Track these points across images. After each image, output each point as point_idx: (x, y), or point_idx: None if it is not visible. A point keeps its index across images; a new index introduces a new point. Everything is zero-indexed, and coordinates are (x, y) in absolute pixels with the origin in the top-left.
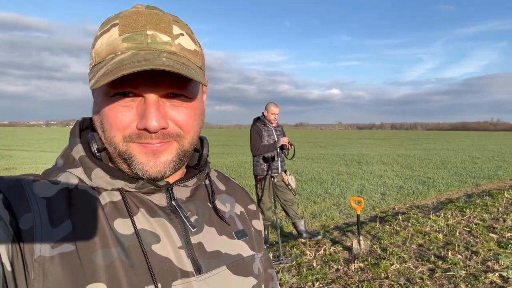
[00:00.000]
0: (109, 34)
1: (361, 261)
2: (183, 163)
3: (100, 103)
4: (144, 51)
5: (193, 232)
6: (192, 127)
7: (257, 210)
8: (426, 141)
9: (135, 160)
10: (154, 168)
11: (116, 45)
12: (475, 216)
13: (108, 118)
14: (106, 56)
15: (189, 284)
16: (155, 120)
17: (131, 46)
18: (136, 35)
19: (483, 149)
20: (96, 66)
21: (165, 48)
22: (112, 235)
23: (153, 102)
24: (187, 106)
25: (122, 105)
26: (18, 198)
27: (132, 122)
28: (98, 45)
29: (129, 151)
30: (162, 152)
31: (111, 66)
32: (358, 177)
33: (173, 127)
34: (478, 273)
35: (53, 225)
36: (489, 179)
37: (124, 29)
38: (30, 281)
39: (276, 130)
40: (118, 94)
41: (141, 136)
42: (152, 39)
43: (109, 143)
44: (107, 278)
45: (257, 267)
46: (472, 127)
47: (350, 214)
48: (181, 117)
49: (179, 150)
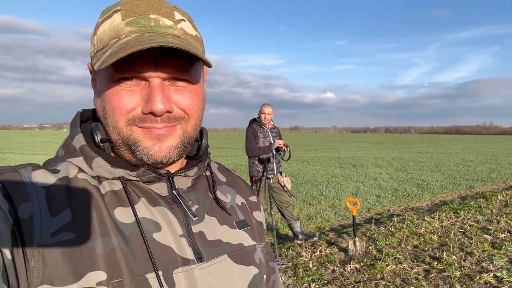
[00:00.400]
0: (111, 20)
1: (357, 262)
2: (187, 150)
3: (103, 88)
4: (148, 33)
5: (194, 221)
6: (195, 112)
7: (258, 202)
8: (420, 145)
9: (140, 145)
10: (160, 153)
11: (119, 29)
12: (469, 218)
13: (112, 102)
14: (109, 40)
15: (190, 272)
16: (161, 102)
17: (135, 29)
18: (139, 19)
19: (476, 152)
20: (99, 52)
21: (168, 31)
22: (112, 224)
23: (157, 85)
24: (190, 90)
25: (126, 89)
26: (16, 187)
27: (137, 107)
28: (100, 31)
29: (133, 136)
30: (167, 137)
31: (117, 47)
32: (353, 179)
33: (178, 110)
34: (472, 274)
35: (52, 214)
36: (483, 181)
37: (126, 13)
38: (30, 270)
39: (272, 131)
40: (122, 79)
41: (145, 120)
42: (155, 22)
43: (113, 128)
44: (107, 266)
45: (259, 257)
46: (465, 130)
47: (346, 216)
48: (185, 101)
49: (183, 136)
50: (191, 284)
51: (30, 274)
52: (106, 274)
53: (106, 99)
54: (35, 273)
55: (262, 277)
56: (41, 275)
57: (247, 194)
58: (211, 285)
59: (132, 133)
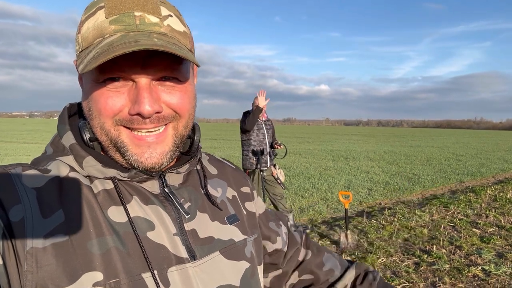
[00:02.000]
0: (95, 18)
1: (348, 255)
2: (179, 150)
3: (89, 89)
4: (133, 32)
5: (187, 218)
6: (187, 110)
7: (251, 192)
8: (411, 138)
9: (128, 150)
10: (150, 160)
11: (103, 28)
12: (459, 212)
13: (98, 104)
14: (94, 40)
15: (184, 270)
16: (149, 104)
17: (119, 28)
18: (123, 17)
19: (467, 146)
20: (83, 51)
21: (154, 29)
22: (106, 223)
23: (145, 86)
24: (180, 89)
25: (112, 90)
26: (6, 190)
27: (124, 108)
28: (84, 29)
29: (121, 138)
30: (158, 144)
31: (100, 49)
32: (345, 172)
33: (168, 110)
34: (461, 267)
35: (44, 216)
36: (473, 176)
37: (110, 11)
38: (23, 273)
39: (265, 124)
40: (108, 80)
41: (133, 121)
42: (140, 20)
43: (100, 129)
44: (103, 266)
45: (250, 251)
46: (456, 125)
47: (338, 209)
48: (175, 100)
49: (175, 136)
50: (186, 283)
51: (24, 278)
52: (103, 274)
53: (92, 100)
54: (28, 276)
55: (254, 270)
56: (35, 278)
57: (239, 184)
58: (205, 282)
59: (120, 134)
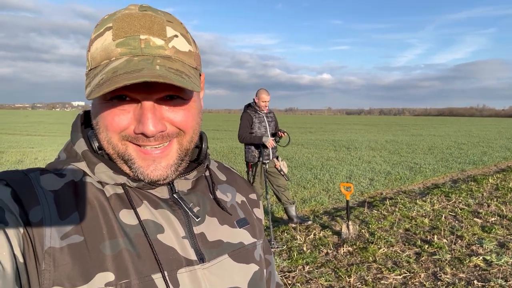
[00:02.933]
0: (103, 38)
1: (350, 245)
2: (186, 162)
3: (98, 106)
4: (137, 57)
5: (196, 222)
6: (191, 127)
7: (257, 199)
8: (413, 127)
9: (135, 163)
10: (155, 172)
11: (110, 50)
12: (460, 201)
13: (105, 120)
14: (101, 61)
15: (193, 272)
16: (152, 125)
17: (125, 51)
18: (129, 40)
19: (469, 135)
20: (92, 71)
21: (158, 52)
22: (118, 226)
23: (149, 107)
24: (184, 107)
25: (119, 108)
26: (26, 192)
27: (130, 125)
28: (93, 49)
29: (128, 152)
30: (163, 158)
31: (105, 75)
32: (347, 162)
33: (172, 128)
34: (462, 257)
35: (61, 217)
36: (474, 164)
37: (117, 33)
38: (41, 272)
39: (267, 116)
40: (115, 98)
41: (138, 139)
42: (145, 43)
43: (107, 143)
44: (115, 267)
45: (259, 254)
46: (458, 112)
47: (339, 199)
48: (179, 118)
49: (179, 151)
50: (195, 284)
51: (42, 277)
52: (114, 275)
53: (100, 117)
54: (46, 275)
55: (263, 273)
56: (52, 277)
57: (247, 192)
58: (214, 284)
59: (127, 148)
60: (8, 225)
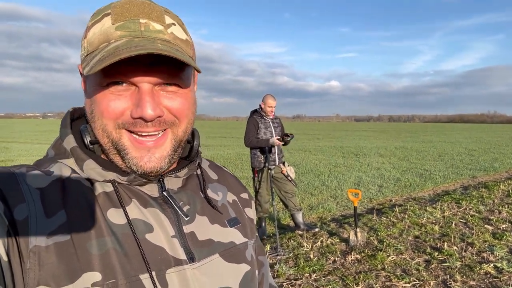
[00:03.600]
0: (101, 24)
1: (358, 252)
2: (178, 155)
3: (93, 92)
4: (138, 38)
5: (186, 221)
6: (186, 115)
7: (249, 199)
8: (423, 133)
9: (128, 153)
10: (149, 164)
11: (109, 33)
12: (471, 208)
13: (100, 106)
14: (99, 44)
15: (183, 272)
16: (151, 108)
17: (125, 34)
18: (129, 23)
19: (480, 141)
20: (89, 55)
21: (158, 36)
22: (105, 225)
23: (147, 90)
24: (181, 95)
25: (115, 93)
26: (11, 189)
27: (126, 110)
28: (90, 34)
29: (122, 142)
30: (157, 148)
31: (106, 52)
32: (356, 169)
33: (168, 115)
34: (473, 264)
35: (47, 215)
36: (485, 171)
37: (117, 18)
38: (26, 271)
39: (273, 122)
40: (111, 84)
41: (135, 124)
42: (145, 27)
43: (102, 132)
44: (102, 267)
45: (250, 254)
46: (469, 119)
47: (347, 206)
48: (176, 105)
49: (174, 141)
50: (184, 284)
51: (26, 275)
52: (101, 275)
53: (95, 103)
54: (31, 274)
55: (254, 274)
56: (37, 276)
57: (238, 191)
58: (203, 285)
59: (121, 137)
60: None
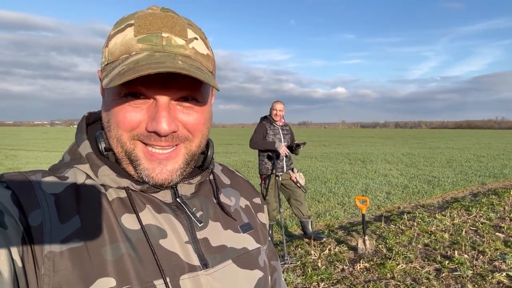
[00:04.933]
0: (123, 34)
1: (367, 261)
2: (191, 167)
3: (111, 102)
4: (159, 53)
5: (199, 227)
6: (200, 131)
7: (262, 204)
8: (430, 140)
9: (140, 164)
10: (160, 176)
11: (130, 45)
12: (481, 215)
13: (117, 117)
14: (120, 55)
15: (196, 278)
16: (166, 124)
17: (146, 47)
18: (151, 37)
19: (488, 147)
20: (109, 65)
21: (179, 51)
22: (120, 230)
23: (164, 105)
24: (198, 110)
25: (132, 105)
26: (27, 195)
27: (142, 123)
28: (112, 44)
29: (135, 153)
30: (169, 160)
31: (126, 66)
32: (363, 176)
33: (183, 130)
34: (485, 273)
35: (62, 221)
36: (495, 177)
37: (139, 30)
38: (40, 276)
39: (283, 129)
40: (129, 95)
41: (150, 137)
42: (167, 41)
43: (116, 141)
44: (116, 273)
45: (263, 260)
46: (476, 125)
47: (355, 214)
48: (191, 121)
49: (186, 155)
50: None
51: (41, 281)
52: (116, 280)
53: (112, 113)
54: (45, 279)
55: (267, 280)
56: (51, 282)
57: (251, 195)
58: None
59: (135, 148)
60: (7, 229)
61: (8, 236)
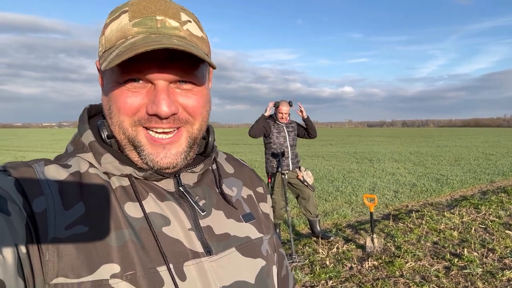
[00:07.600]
0: (119, 21)
1: (375, 259)
2: (194, 151)
3: (110, 89)
4: (154, 34)
5: (202, 215)
6: (200, 113)
7: (265, 193)
8: (438, 138)
9: (144, 150)
10: (165, 160)
11: (126, 30)
12: (490, 213)
13: (117, 102)
14: (117, 41)
15: (200, 264)
16: (166, 105)
17: (142, 30)
18: (146, 20)
19: (497, 145)
20: (106, 52)
21: (174, 32)
22: (123, 218)
23: (163, 88)
24: (196, 92)
25: (131, 90)
26: (30, 182)
27: (142, 107)
28: (108, 31)
29: (138, 139)
30: (173, 144)
31: (123, 48)
32: (370, 174)
33: (183, 113)
34: (495, 271)
35: (66, 208)
36: (504, 175)
37: (134, 15)
38: (45, 263)
39: (288, 126)
40: (128, 81)
41: (151, 120)
42: (161, 24)
43: (118, 128)
44: (120, 259)
45: (266, 249)
46: (484, 123)
47: (363, 212)
48: (191, 103)
49: (189, 138)
50: (202, 277)
51: (45, 267)
52: (120, 266)
53: (112, 99)
54: (50, 266)
55: (270, 269)
56: (56, 268)
57: (254, 185)
58: (221, 277)
59: (137, 134)
60: (11, 215)
61: (12, 223)
